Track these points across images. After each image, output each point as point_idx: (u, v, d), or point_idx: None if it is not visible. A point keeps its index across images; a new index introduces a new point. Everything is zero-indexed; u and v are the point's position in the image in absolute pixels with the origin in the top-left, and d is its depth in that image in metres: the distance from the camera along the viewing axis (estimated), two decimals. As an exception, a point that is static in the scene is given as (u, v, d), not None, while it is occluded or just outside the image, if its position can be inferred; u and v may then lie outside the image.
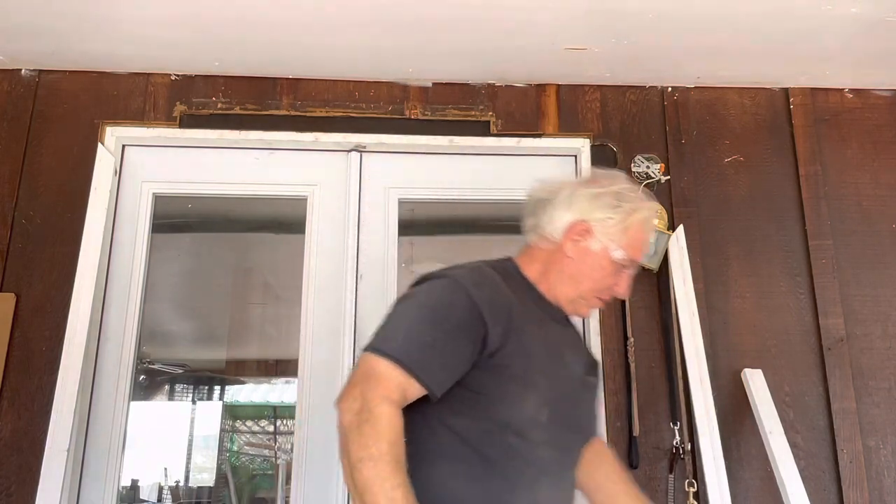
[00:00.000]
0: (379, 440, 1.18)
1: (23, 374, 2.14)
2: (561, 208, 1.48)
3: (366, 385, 1.23)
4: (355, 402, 1.21)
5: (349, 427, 1.20)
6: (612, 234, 1.46)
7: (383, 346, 1.28)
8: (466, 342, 1.30)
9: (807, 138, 2.49)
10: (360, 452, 1.17)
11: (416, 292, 1.40)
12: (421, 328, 1.30)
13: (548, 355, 1.41)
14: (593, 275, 1.46)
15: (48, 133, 2.37)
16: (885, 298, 2.35)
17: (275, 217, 2.89)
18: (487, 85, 2.51)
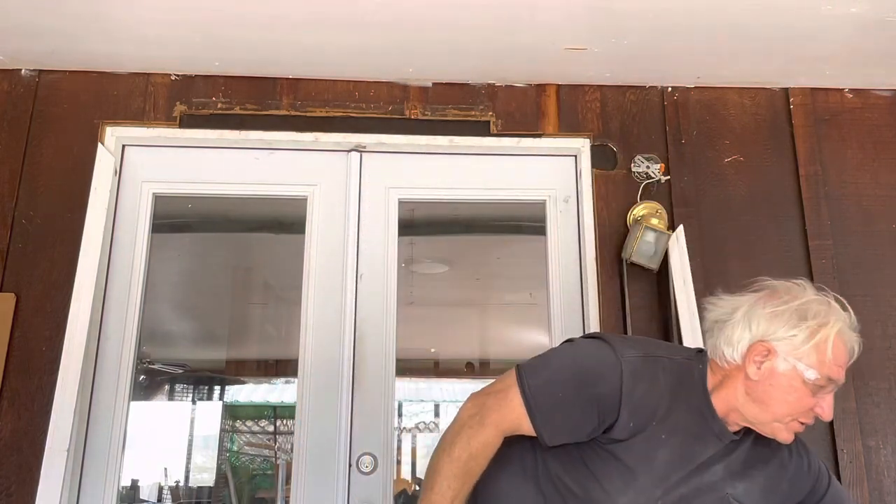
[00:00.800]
0: (466, 448, 1.29)
1: (23, 374, 2.14)
2: (739, 328, 1.41)
3: (494, 401, 1.33)
4: (476, 408, 1.33)
5: (458, 422, 1.32)
6: (800, 353, 1.34)
7: (528, 379, 1.34)
8: (594, 417, 1.33)
9: (807, 138, 2.49)
10: (447, 445, 1.30)
11: (582, 345, 1.44)
12: (563, 382, 1.35)
13: (677, 468, 1.36)
14: (787, 398, 1.35)
15: (48, 133, 2.37)
16: (885, 298, 2.35)
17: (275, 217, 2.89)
18: (487, 85, 2.51)
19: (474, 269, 3.85)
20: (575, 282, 2.38)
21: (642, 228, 2.26)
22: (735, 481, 1.39)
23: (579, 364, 1.37)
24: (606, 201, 2.41)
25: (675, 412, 1.35)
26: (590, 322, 2.29)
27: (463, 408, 1.33)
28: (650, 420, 1.33)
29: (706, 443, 1.38)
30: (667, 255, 2.29)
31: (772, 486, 1.42)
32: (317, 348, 2.29)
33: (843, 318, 1.40)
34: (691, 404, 1.37)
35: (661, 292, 2.32)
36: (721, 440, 1.39)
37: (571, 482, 1.35)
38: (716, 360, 1.43)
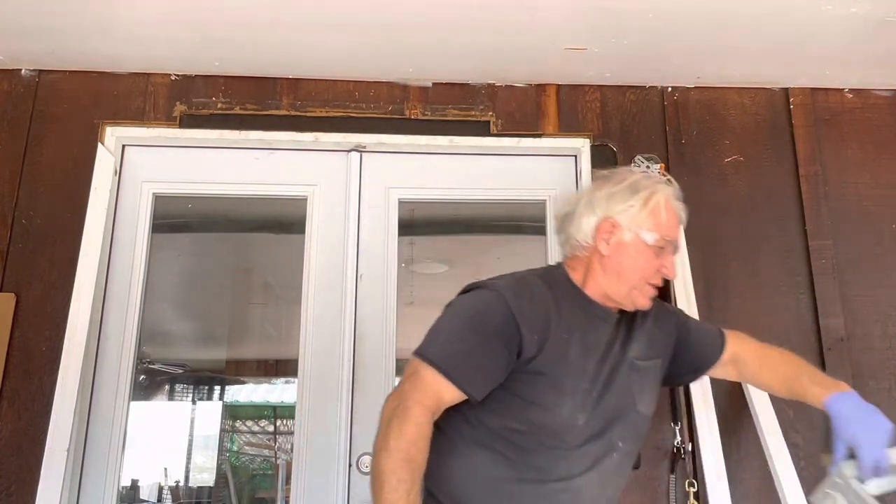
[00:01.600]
0: (400, 436, 1.27)
1: (23, 375, 2.14)
2: (585, 216, 1.54)
3: (410, 385, 1.34)
4: (395, 400, 1.32)
5: (383, 420, 1.31)
6: (639, 221, 1.50)
7: (427, 351, 1.37)
8: (502, 349, 1.38)
9: (807, 138, 2.49)
10: (381, 443, 1.28)
11: (459, 300, 1.48)
12: (461, 335, 1.40)
13: (591, 359, 1.47)
14: (636, 264, 1.50)
15: (48, 133, 2.37)
16: (885, 298, 2.35)
17: (275, 217, 2.89)
18: (487, 85, 2.51)
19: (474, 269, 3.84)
20: (575, 282, 2.38)
21: (642, 228, 2.26)
22: (629, 347, 1.53)
23: (465, 314, 1.43)
24: (606, 201, 2.41)
25: (563, 312, 1.45)
26: (590, 322, 2.29)
27: (383, 408, 1.33)
28: (548, 325, 1.41)
29: (598, 329, 1.50)
30: (667, 255, 2.28)
31: (651, 338, 1.59)
32: (317, 348, 2.29)
33: (668, 188, 1.56)
34: (571, 302, 1.50)
35: (661, 292, 2.31)
36: (607, 322, 1.52)
37: (514, 422, 1.40)
38: (575, 253, 1.56)
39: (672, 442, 2.17)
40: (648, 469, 2.17)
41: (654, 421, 2.19)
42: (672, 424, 2.19)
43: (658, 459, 2.18)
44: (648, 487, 2.15)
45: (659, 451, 2.19)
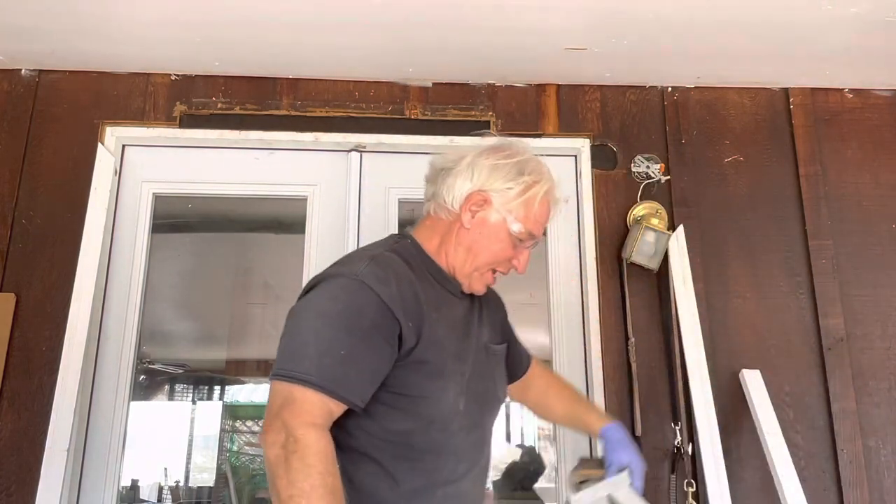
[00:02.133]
0: (309, 473, 1.10)
1: (23, 374, 2.14)
2: (461, 178, 1.43)
3: (289, 413, 1.15)
4: (279, 434, 1.13)
5: (276, 462, 1.12)
6: (511, 206, 1.42)
7: (296, 369, 1.18)
8: (383, 345, 1.24)
9: (807, 138, 2.49)
10: (290, 489, 1.09)
11: (312, 300, 1.28)
12: (332, 340, 1.21)
13: (455, 338, 1.38)
14: (491, 247, 1.42)
15: (48, 133, 2.37)
16: (885, 298, 2.35)
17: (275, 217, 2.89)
18: (487, 85, 2.51)
19: (474, 269, 3.84)
20: (575, 282, 2.38)
21: (642, 228, 2.26)
22: (482, 329, 1.48)
23: (330, 313, 1.24)
24: (606, 201, 2.41)
25: (426, 289, 1.34)
26: (590, 322, 2.29)
27: (267, 448, 1.14)
28: (419, 308, 1.29)
29: (455, 306, 1.42)
30: (667, 255, 2.29)
31: (491, 320, 1.55)
32: (317, 348, 2.28)
33: (551, 181, 1.48)
34: (429, 278, 1.39)
35: (661, 292, 2.32)
36: (462, 299, 1.45)
37: (400, 423, 1.28)
38: (438, 214, 1.45)
39: (672, 442, 2.17)
40: (648, 469, 2.16)
41: (654, 420, 2.20)
42: (672, 424, 2.20)
43: (658, 459, 2.18)
44: (648, 487, 2.14)
45: (659, 451, 2.19)
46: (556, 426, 2.31)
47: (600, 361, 2.25)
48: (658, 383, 2.25)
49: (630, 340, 2.26)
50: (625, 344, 2.27)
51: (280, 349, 1.24)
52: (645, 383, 2.24)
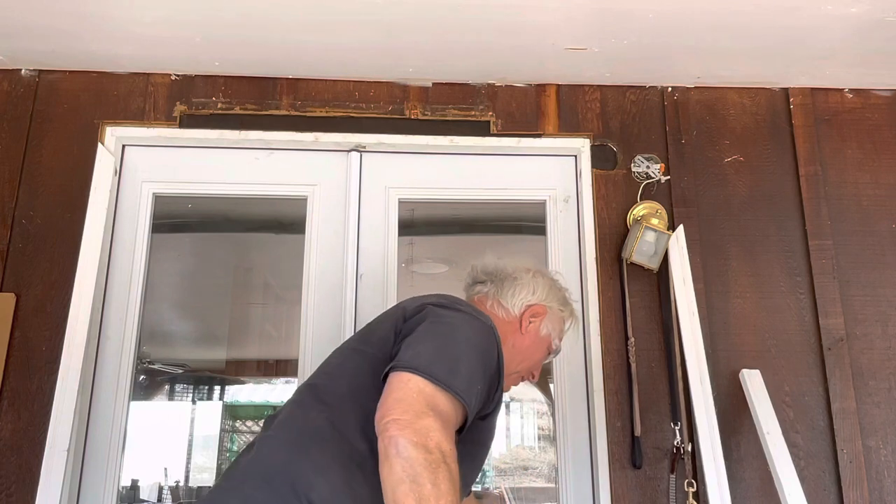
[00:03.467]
0: (454, 491, 1.12)
1: (23, 375, 2.14)
2: (526, 289, 1.65)
3: (437, 422, 1.16)
4: (426, 438, 1.13)
5: (420, 462, 1.11)
6: (556, 326, 1.67)
7: (453, 381, 1.22)
8: (484, 392, 1.32)
9: (807, 138, 2.49)
10: (440, 500, 1.10)
11: (464, 326, 1.35)
12: (473, 373, 1.28)
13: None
14: (535, 355, 1.64)
15: (48, 133, 2.37)
16: (885, 298, 2.35)
17: (275, 217, 2.88)
18: (487, 85, 2.51)
19: (474, 269, 3.84)
20: (575, 282, 2.38)
21: (642, 228, 2.26)
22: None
23: (478, 346, 1.33)
24: (606, 201, 2.41)
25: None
26: (589, 322, 2.29)
27: (409, 444, 1.12)
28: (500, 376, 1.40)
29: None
30: (667, 255, 2.29)
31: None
32: (317, 348, 2.28)
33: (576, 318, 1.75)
34: None
35: (661, 292, 2.32)
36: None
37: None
38: (493, 311, 1.62)
39: (672, 442, 2.17)
40: (648, 469, 2.17)
41: (653, 420, 2.21)
42: (672, 424, 2.20)
43: (658, 459, 2.18)
44: (648, 487, 2.15)
45: (659, 451, 2.19)
46: (556, 426, 2.30)
47: (600, 361, 2.25)
48: (658, 383, 2.25)
49: (630, 340, 2.26)
50: (625, 344, 2.27)
51: (423, 347, 1.27)
52: (645, 383, 2.24)
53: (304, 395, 1.42)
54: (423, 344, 1.27)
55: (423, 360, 1.23)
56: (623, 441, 2.19)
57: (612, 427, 2.19)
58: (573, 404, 2.28)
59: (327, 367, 1.52)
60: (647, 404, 2.22)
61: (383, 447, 1.13)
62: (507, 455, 5.69)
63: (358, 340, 1.53)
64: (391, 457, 1.11)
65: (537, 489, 4.69)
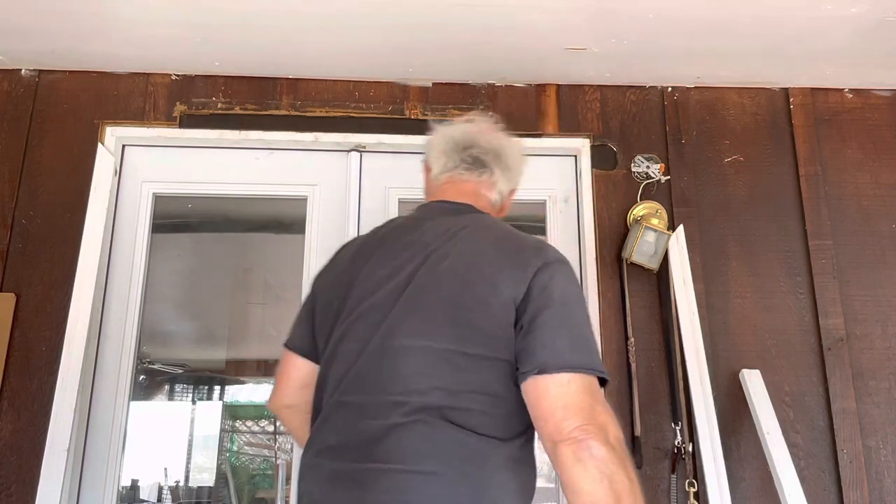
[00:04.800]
0: (636, 480, 1.14)
1: (23, 374, 2.14)
2: (515, 169, 1.57)
3: (607, 416, 1.17)
4: (608, 435, 1.15)
5: (612, 461, 1.13)
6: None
7: (597, 364, 1.22)
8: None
9: (807, 138, 2.49)
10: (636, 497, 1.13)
11: (571, 289, 1.30)
12: (593, 335, 1.27)
13: None
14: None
15: (48, 133, 2.37)
16: (885, 298, 2.35)
17: (275, 217, 2.89)
18: (487, 85, 2.51)
19: (474, 269, 3.83)
20: (575, 282, 2.38)
21: (642, 228, 2.26)
22: None
23: (584, 303, 1.34)
24: (606, 201, 2.41)
25: None
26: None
27: (598, 442, 1.13)
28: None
29: None
30: (667, 255, 2.29)
31: None
32: (317, 348, 2.28)
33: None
34: None
35: (661, 292, 2.32)
36: None
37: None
38: (490, 198, 1.54)
39: (672, 442, 2.17)
40: (648, 469, 2.17)
41: (654, 420, 2.21)
42: (672, 424, 2.20)
43: (658, 459, 2.18)
44: (648, 487, 2.15)
45: (659, 451, 2.19)
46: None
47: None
48: (658, 383, 2.25)
49: (630, 340, 2.26)
50: (625, 344, 2.27)
51: (563, 339, 1.22)
52: (645, 383, 2.24)
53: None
54: (558, 335, 1.22)
55: (568, 355, 1.20)
56: (625, 441, 2.18)
57: (612, 427, 2.19)
58: (573, 404, 2.28)
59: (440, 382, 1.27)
60: (647, 404, 2.22)
61: (570, 452, 1.13)
62: (507, 455, 5.64)
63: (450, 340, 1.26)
64: (584, 460, 1.12)
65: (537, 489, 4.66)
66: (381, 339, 1.27)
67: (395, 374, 1.24)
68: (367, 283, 1.35)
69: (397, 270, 1.33)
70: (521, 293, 1.24)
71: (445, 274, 1.29)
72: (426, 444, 1.18)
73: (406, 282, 1.30)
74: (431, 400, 1.20)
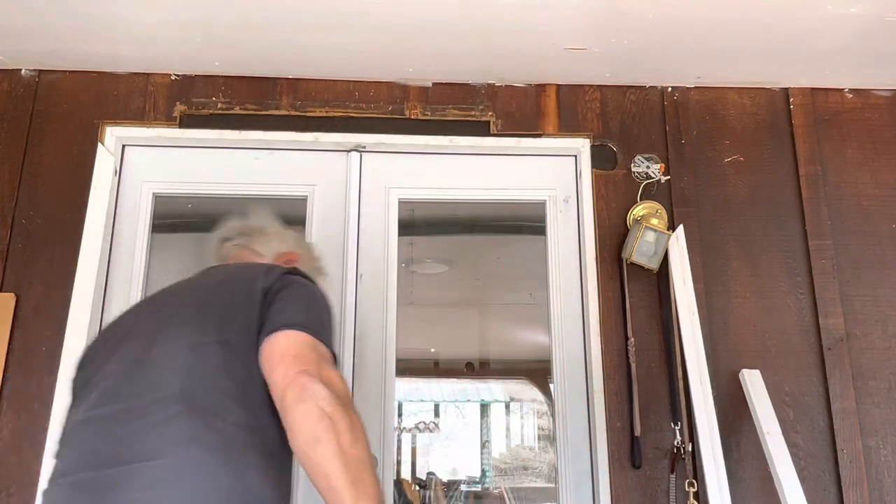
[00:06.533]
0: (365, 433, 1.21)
1: (23, 375, 2.14)
2: (276, 239, 1.77)
3: (335, 371, 1.26)
4: (333, 385, 1.21)
5: (335, 402, 1.18)
6: (311, 265, 1.75)
7: (324, 334, 1.32)
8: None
9: (807, 138, 2.49)
10: (360, 449, 1.17)
11: (308, 285, 1.45)
12: (329, 324, 1.39)
13: None
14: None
15: (48, 133, 2.37)
16: (885, 298, 2.35)
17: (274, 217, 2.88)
18: (487, 85, 2.51)
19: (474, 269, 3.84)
20: (575, 282, 2.38)
21: (642, 228, 2.26)
22: None
23: (326, 303, 1.44)
24: (606, 201, 2.41)
25: None
26: (590, 322, 2.29)
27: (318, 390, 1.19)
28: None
29: None
30: (667, 255, 2.29)
31: None
32: (317, 348, 2.28)
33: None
34: None
35: (661, 292, 2.32)
36: None
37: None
38: (246, 255, 1.73)
39: (672, 442, 2.17)
40: (648, 469, 2.17)
41: (653, 420, 2.21)
42: (672, 424, 2.20)
43: (658, 459, 2.18)
44: (648, 487, 2.15)
45: (659, 451, 2.19)
46: (556, 426, 2.30)
47: (600, 361, 2.25)
48: (658, 383, 2.25)
49: (630, 340, 2.26)
50: (625, 344, 2.27)
51: (295, 309, 1.34)
52: (645, 383, 2.24)
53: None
54: (293, 306, 1.35)
55: (301, 318, 1.32)
56: (623, 441, 2.19)
57: (611, 427, 2.19)
58: (573, 404, 2.28)
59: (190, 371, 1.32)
60: (647, 404, 2.22)
61: (295, 394, 1.18)
62: (507, 455, 5.68)
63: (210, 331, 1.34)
64: (307, 399, 1.17)
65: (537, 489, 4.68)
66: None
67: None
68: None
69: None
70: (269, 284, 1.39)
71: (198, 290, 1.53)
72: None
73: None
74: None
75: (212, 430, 1.19)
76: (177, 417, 1.20)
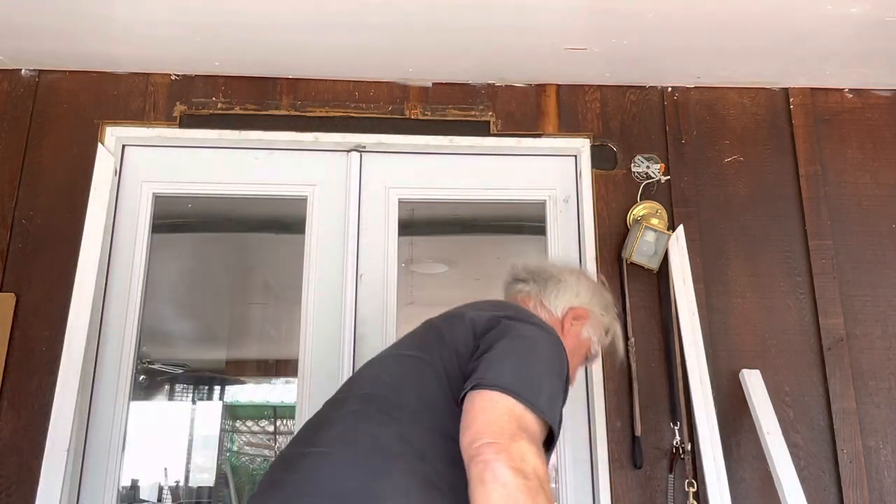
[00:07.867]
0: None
1: (23, 374, 2.14)
2: (570, 291, 1.63)
3: (532, 445, 1.12)
4: (523, 463, 1.09)
5: (520, 489, 1.07)
6: (597, 330, 1.64)
7: (538, 400, 1.18)
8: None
9: (807, 138, 2.49)
10: None
11: (539, 338, 1.33)
12: (556, 387, 1.26)
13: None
14: (573, 360, 1.53)
15: (48, 133, 2.37)
16: (885, 298, 2.35)
17: (275, 217, 2.88)
18: (487, 85, 2.51)
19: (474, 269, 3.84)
20: (575, 282, 2.38)
21: (642, 228, 2.26)
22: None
23: (553, 361, 1.30)
24: (606, 201, 2.41)
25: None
26: (590, 322, 2.29)
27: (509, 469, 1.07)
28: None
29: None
30: (667, 255, 2.29)
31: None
32: (317, 348, 2.29)
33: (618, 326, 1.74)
34: None
35: (661, 292, 2.32)
36: None
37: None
38: (535, 308, 1.60)
39: (671, 441, 2.17)
40: (648, 469, 2.17)
41: (653, 420, 2.21)
42: (672, 424, 2.20)
43: (658, 459, 2.18)
44: (648, 487, 2.15)
45: (658, 451, 2.19)
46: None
47: (600, 361, 2.25)
48: (658, 383, 2.25)
49: (630, 340, 2.26)
50: (625, 344, 2.27)
51: (507, 366, 1.22)
52: (645, 383, 2.24)
53: (363, 407, 1.31)
54: (505, 361, 1.23)
55: (508, 378, 1.19)
56: (623, 441, 2.19)
57: (611, 427, 2.19)
58: (573, 404, 2.28)
59: (383, 376, 1.38)
60: (646, 404, 2.22)
61: (477, 472, 1.09)
62: (507, 455, 5.62)
63: (412, 347, 1.41)
64: (487, 482, 1.07)
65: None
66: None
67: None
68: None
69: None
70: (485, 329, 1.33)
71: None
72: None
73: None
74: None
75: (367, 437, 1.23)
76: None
